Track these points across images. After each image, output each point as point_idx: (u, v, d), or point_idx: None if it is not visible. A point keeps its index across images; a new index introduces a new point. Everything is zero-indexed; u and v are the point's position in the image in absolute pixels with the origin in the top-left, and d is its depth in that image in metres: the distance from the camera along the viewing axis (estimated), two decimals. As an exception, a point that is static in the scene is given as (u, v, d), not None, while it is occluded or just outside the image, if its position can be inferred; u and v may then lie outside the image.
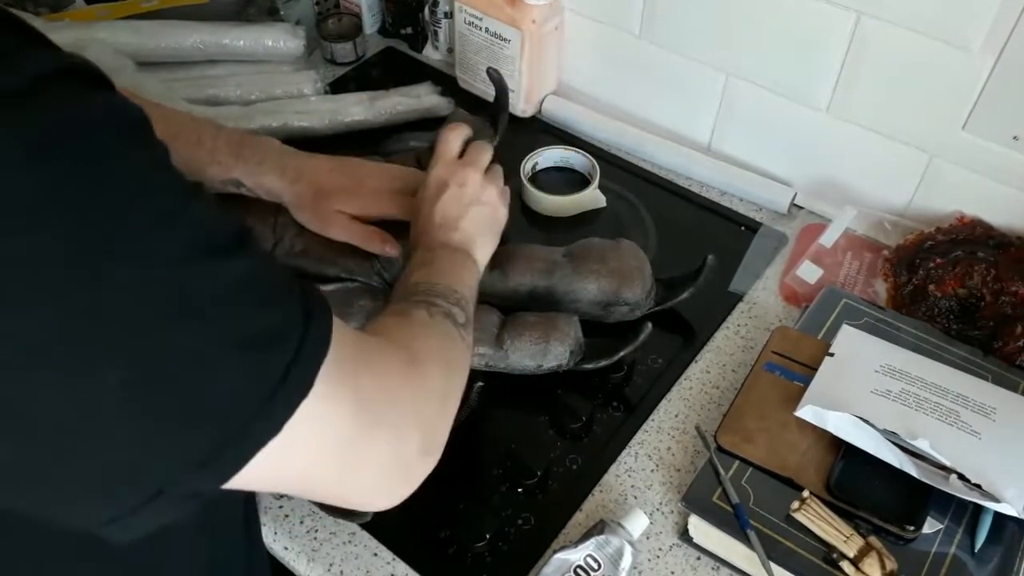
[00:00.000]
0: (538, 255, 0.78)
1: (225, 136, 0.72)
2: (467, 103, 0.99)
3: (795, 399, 0.69)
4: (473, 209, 0.68)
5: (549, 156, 0.95)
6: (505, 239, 0.74)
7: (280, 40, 1.02)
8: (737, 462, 0.67)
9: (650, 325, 0.73)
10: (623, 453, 0.72)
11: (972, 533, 0.63)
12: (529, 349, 0.72)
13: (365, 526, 0.67)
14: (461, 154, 0.72)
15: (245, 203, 0.77)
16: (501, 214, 0.72)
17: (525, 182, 0.91)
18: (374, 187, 0.75)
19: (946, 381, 0.70)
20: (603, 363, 0.73)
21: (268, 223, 0.76)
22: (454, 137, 0.72)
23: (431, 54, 1.11)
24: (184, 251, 0.35)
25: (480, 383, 0.73)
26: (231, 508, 0.61)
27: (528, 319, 0.73)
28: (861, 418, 0.66)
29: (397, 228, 0.74)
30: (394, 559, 0.66)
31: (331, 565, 0.65)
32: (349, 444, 0.42)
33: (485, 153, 0.72)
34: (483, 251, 0.69)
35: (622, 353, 0.73)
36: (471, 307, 0.62)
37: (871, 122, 0.83)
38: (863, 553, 0.61)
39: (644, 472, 0.71)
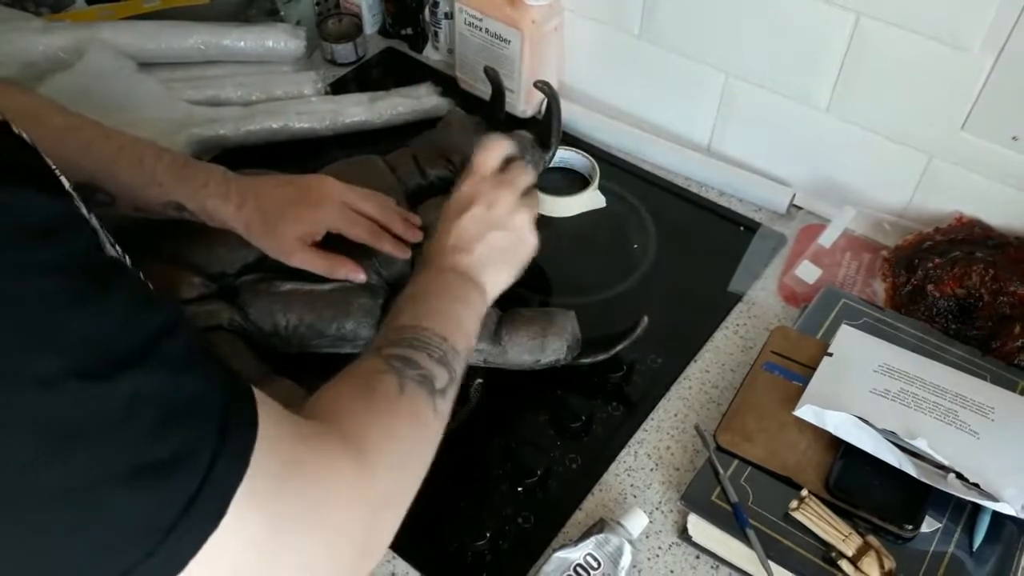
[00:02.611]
0: None
1: (168, 158, 0.70)
2: (467, 104, 1.00)
3: (794, 399, 0.69)
4: (496, 234, 0.63)
5: (549, 156, 0.95)
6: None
7: (281, 41, 1.02)
8: (736, 461, 0.68)
9: (646, 319, 0.73)
10: (623, 452, 0.72)
11: (970, 532, 0.64)
12: (527, 344, 0.72)
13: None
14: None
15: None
16: (527, 246, 0.66)
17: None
18: (320, 197, 0.72)
19: (945, 381, 0.71)
20: (600, 357, 0.74)
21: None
22: (495, 151, 0.66)
23: (431, 55, 1.11)
24: (61, 371, 0.32)
25: (480, 380, 0.73)
26: None
27: (525, 314, 0.73)
28: (860, 418, 0.66)
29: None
30: (394, 557, 0.66)
31: (331, 564, 0.65)
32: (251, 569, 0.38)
33: (526, 175, 0.67)
34: (495, 282, 0.64)
35: (619, 347, 0.73)
36: (463, 358, 0.57)
37: (870, 122, 0.83)
38: (862, 552, 0.61)
39: (644, 471, 0.71)
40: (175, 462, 0.35)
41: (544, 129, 0.85)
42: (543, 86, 0.84)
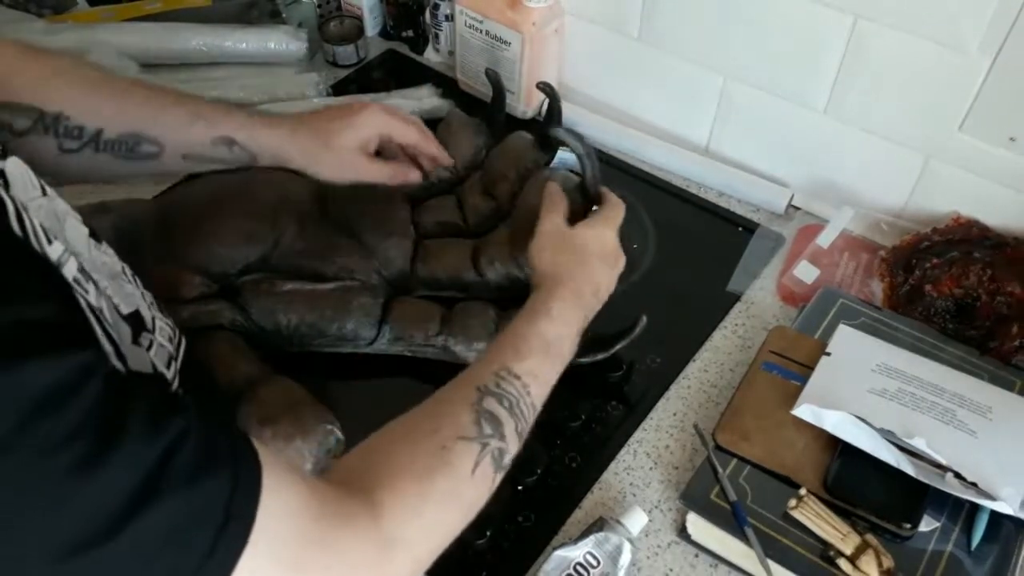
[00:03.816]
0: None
1: (208, 99, 0.69)
2: (468, 105, 1.00)
3: (792, 398, 0.70)
4: (609, 289, 0.67)
5: (549, 157, 0.95)
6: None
7: (283, 42, 1.02)
8: (735, 460, 0.68)
9: (644, 318, 0.73)
10: (622, 451, 0.73)
11: (968, 531, 0.64)
12: None
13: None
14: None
15: (241, 203, 0.77)
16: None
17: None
18: (361, 106, 0.73)
19: (943, 380, 0.71)
20: (599, 356, 0.74)
21: (267, 222, 0.77)
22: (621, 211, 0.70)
23: (432, 56, 1.11)
24: (68, 545, 0.32)
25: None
26: None
27: None
28: (858, 417, 0.66)
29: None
30: (394, 556, 0.66)
31: (332, 562, 0.66)
32: None
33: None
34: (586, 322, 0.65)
35: (617, 346, 0.74)
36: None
37: (868, 123, 0.84)
38: (860, 551, 0.61)
39: (643, 470, 0.72)
40: None
41: (544, 130, 0.85)
42: (545, 87, 0.84)
